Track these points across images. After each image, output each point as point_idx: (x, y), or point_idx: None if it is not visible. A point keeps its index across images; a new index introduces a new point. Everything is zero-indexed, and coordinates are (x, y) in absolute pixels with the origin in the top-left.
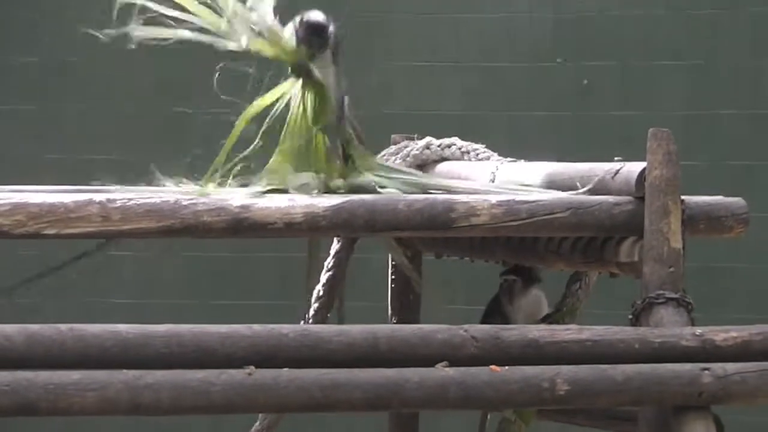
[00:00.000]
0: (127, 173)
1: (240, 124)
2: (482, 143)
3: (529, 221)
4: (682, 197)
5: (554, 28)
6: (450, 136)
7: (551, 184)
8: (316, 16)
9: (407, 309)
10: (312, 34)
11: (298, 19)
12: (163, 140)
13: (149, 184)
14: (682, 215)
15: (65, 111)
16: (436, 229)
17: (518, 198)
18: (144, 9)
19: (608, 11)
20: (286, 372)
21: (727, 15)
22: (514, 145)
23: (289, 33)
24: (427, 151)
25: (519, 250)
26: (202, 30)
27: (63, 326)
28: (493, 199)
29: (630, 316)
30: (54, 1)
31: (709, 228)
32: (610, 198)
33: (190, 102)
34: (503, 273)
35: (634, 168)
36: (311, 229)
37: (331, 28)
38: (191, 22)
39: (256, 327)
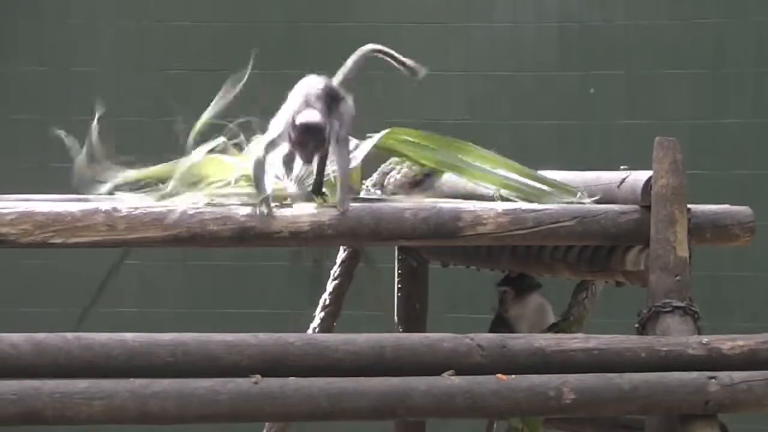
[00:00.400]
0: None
1: None
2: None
3: (535, 230)
4: (689, 206)
5: (560, 37)
6: None
7: None
8: (311, 116)
9: (413, 318)
10: (308, 135)
11: (290, 120)
12: (167, 149)
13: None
14: (689, 224)
15: (69, 120)
16: (442, 238)
17: (524, 207)
18: None
19: (614, 21)
20: (292, 381)
21: (733, 24)
22: (521, 153)
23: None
24: None
25: (525, 259)
26: None
27: (69, 335)
28: (500, 207)
29: (636, 325)
30: (59, 11)
31: (716, 237)
32: (616, 207)
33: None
34: (498, 284)
35: (640, 177)
36: (317, 238)
37: (327, 126)
38: None
39: (262, 335)
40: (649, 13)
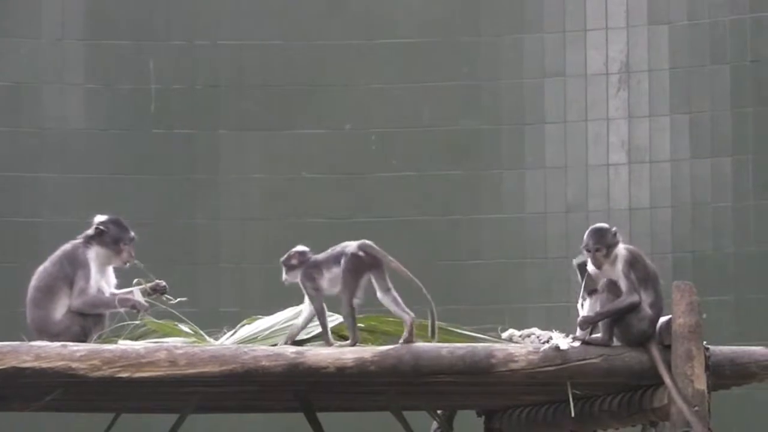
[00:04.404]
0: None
1: None
2: None
3: (563, 366)
4: (707, 345)
5: None
6: None
7: None
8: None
9: None
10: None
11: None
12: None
13: None
14: (707, 361)
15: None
16: (477, 374)
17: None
18: None
19: None
20: None
21: None
22: None
23: None
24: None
25: (583, 419)
26: None
27: None
28: (530, 346)
29: None
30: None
31: (734, 373)
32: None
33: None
34: None
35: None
36: (362, 374)
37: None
38: None
39: None
40: None
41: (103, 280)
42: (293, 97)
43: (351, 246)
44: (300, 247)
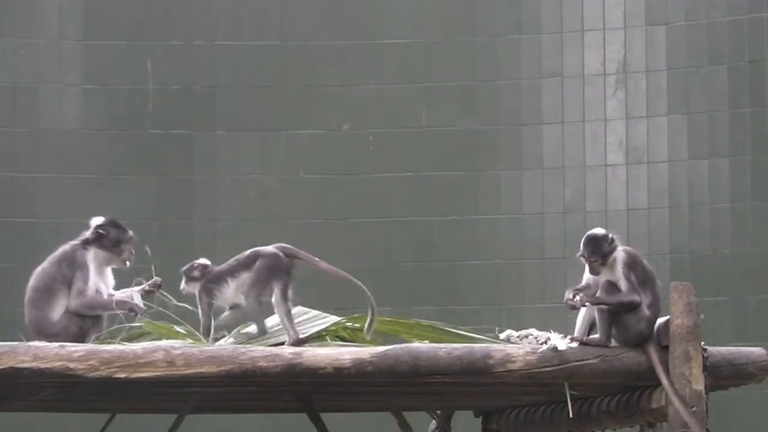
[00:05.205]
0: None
1: None
2: None
3: (561, 367)
4: (705, 346)
5: None
6: None
7: None
8: None
9: None
10: None
11: None
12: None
13: None
14: (705, 362)
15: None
16: (475, 375)
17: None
18: None
19: None
20: None
21: None
22: None
23: None
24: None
25: (581, 420)
26: None
27: None
28: (528, 347)
29: None
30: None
31: (732, 375)
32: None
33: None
34: None
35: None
36: (359, 374)
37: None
38: None
39: None
40: None
41: (102, 281)
42: (290, 97)
43: (268, 247)
44: (203, 260)
